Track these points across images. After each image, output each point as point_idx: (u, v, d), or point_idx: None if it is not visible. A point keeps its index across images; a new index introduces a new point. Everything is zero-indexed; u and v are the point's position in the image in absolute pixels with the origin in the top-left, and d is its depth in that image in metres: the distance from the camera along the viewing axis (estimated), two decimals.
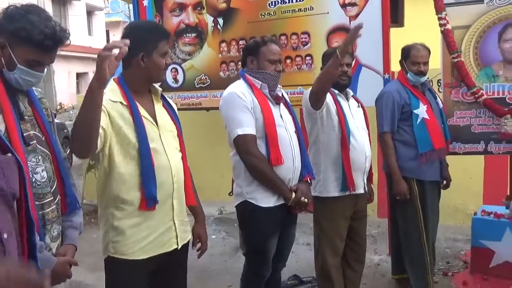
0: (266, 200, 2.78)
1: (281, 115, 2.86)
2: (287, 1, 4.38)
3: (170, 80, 4.97)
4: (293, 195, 2.78)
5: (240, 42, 4.61)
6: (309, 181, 2.93)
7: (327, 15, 4.26)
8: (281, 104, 2.91)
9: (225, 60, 4.74)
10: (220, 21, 4.72)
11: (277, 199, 2.79)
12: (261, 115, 2.75)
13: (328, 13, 4.25)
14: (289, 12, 4.39)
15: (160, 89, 2.35)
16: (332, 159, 3.20)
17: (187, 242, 2.40)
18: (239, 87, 2.83)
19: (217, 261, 4.71)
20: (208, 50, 4.81)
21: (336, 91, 3.25)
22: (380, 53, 4.06)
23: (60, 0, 25.82)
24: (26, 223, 1.41)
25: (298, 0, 4.34)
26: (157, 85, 2.35)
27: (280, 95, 2.93)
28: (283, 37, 4.42)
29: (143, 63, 2.19)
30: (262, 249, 2.85)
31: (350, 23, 4.17)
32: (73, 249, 2.00)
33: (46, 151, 1.89)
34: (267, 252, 2.87)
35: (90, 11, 29.19)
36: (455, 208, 5.14)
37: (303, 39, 4.38)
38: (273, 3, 4.44)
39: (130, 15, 22.63)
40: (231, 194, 3.04)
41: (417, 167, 3.49)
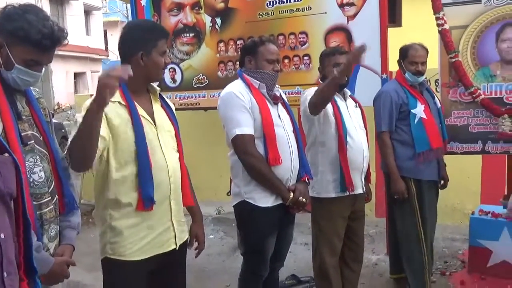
0: (264, 200, 2.78)
1: (279, 115, 2.86)
2: (285, 1, 4.38)
3: (168, 80, 4.97)
4: (291, 195, 2.78)
5: (238, 42, 4.60)
6: (307, 181, 2.93)
7: (325, 15, 4.26)
8: (279, 104, 2.91)
9: (223, 60, 4.74)
10: (218, 21, 4.72)
11: (275, 199, 2.80)
12: (259, 115, 2.75)
13: (326, 13, 4.25)
14: (287, 12, 4.39)
15: (158, 88, 2.34)
16: (330, 159, 3.20)
17: (185, 242, 2.39)
18: (237, 87, 2.83)
19: (215, 261, 4.71)
20: (206, 50, 4.81)
21: None
22: (378, 53, 4.06)
23: (58, 0, 25.78)
24: (22, 223, 1.41)
25: (296, 0, 4.34)
26: (155, 85, 2.35)
27: (278, 95, 2.93)
28: (281, 37, 4.42)
29: (142, 62, 2.19)
30: (260, 249, 2.85)
31: (348, 23, 4.17)
32: (71, 249, 1.99)
33: (44, 151, 1.89)
34: (265, 252, 2.87)
35: (87, 11, 29.14)
36: (452, 207, 5.15)
37: (301, 39, 4.38)
38: (271, 3, 4.43)
39: (128, 15, 22.61)
40: (229, 194, 3.04)
41: (414, 167, 3.49)
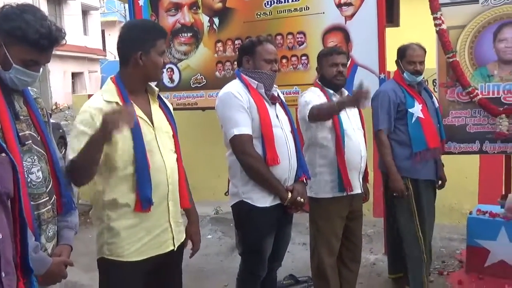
0: (262, 200, 2.78)
1: (277, 115, 2.86)
2: (283, 1, 4.38)
3: (166, 80, 4.96)
4: (289, 195, 2.78)
5: (236, 42, 4.61)
6: (304, 181, 2.94)
7: (322, 15, 4.26)
8: (277, 104, 2.91)
9: (221, 60, 4.74)
10: (216, 20, 4.72)
11: (273, 199, 2.80)
12: (257, 115, 2.75)
13: (323, 13, 4.26)
14: (285, 12, 4.39)
15: (156, 89, 2.34)
16: (328, 160, 3.20)
17: (182, 243, 2.39)
18: (235, 87, 2.83)
19: (213, 261, 4.71)
20: (204, 50, 4.81)
21: (331, 91, 3.25)
22: (376, 53, 4.07)
23: (55, 0, 25.75)
24: (19, 223, 1.41)
25: (294, 0, 4.34)
26: (153, 85, 2.35)
27: (276, 95, 2.93)
28: (279, 37, 4.42)
29: (141, 61, 2.18)
30: (258, 249, 2.85)
31: (345, 23, 4.18)
32: (68, 249, 1.99)
33: (42, 151, 1.89)
34: (263, 252, 2.87)
35: (85, 11, 29.12)
36: (450, 207, 5.16)
37: (299, 39, 4.39)
38: (269, 2, 4.44)
39: (125, 15, 22.59)
40: (227, 194, 3.04)
41: (411, 166, 3.50)
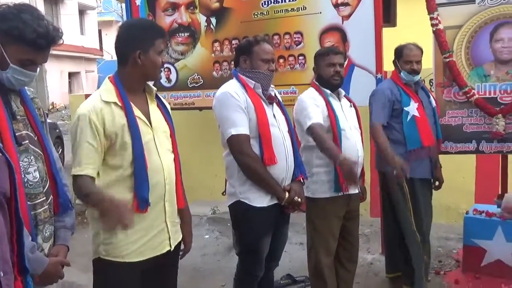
0: (260, 200, 2.78)
1: (274, 115, 2.86)
2: (280, 0, 4.39)
3: (163, 80, 4.96)
4: (287, 194, 2.78)
5: (233, 42, 4.61)
6: (302, 181, 2.94)
7: (319, 15, 4.27)
8: (274, 104, 2.91)
9: (218, 60, 4.74)
10: (213, 20, 4.72)
11: (270, 199, 2.80)
12: (255, 115, 2.74)
13: (320, 13, 4.26)
14: (282, 11, 4.40)
15: (154, 88, 2.33)
16: (325, 160, 3.18)
17: (179, 242, 2.39)
18: (232, 87, 2.83)
19: (210, 260, 4.71)
20: (201, 50, 4.81)
21: (328, 91, 3.25)
22: (373, 53, 4.08)
23: None
24: (15, 223, 1.40)
25: (291, 0, 4.35)
26: (151, 84, 2.35)
27: (273, 94, 2.93)
28: (276, 37, 4.43)
29: (140, 61, 2.18)
30: (255, 248, 2.85)
31: (342, 23, 4.18)
32: (65, 249, 1.99)
33: (39, 151, 1.89)
34: (260, 251, 2.87)
35: (82, 10, 29.05)
36: (447, 207, 5.17)
37: (296, 39, 4.39)
38: (266, 2, 4.44)
39: (122, 15, 22.57)
40: (224, 194, 3.04)
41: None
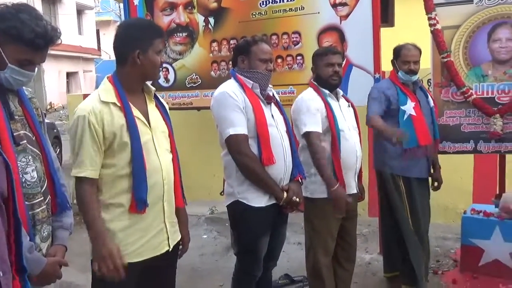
0: (258, 200, 2.78)
1: (272, 115, 2.86)
2: (278, 0, 4.39)
3: (161, 80, 4.96)
4: (285, 194, 2.78)
5: (231, 42, 4.61)
6: (300, 181, 2.94)
7: (318, 15, 4.27)
8: (272, 104, 2.92)
9: (216, 60, 4.74)
10: (211, 20, 4.72)
11: (268, 198, 2.80)
12: (253, 115, 2.74)
13: (319, 13, 4.26)
14: (280, 11, 4.40)
15: (153, 88, 2.32)
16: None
17: (177, 242, 2.39)
18: (230, 87, 2.83)
19: (208, 260, 4.71)
20: (199, 50, 4.81)
21: (327, 91, 3.25)
22: (371, 53, 4.08)
23: None
24: (13, 223, 1.40)
25: (289, 0, 4.35)
26: (149, 84, 2.34)
27: (271, 94, 2.94)
28: (274, 37, 4.43)
29: (139, 61, 2.17)
30: (253, 248, 2.85)
31: (340, 23, 4.18)
32: (63, 249, 1.99)
33: (37, 151, 1.88)
34: (259, 251, 2.87)
35: (80, 10, 29.01)
36: (445, 206, 5.17)
37: (294, 39, 4.39)
38: (264, 2, 4.44)
39: (120, 14, 22.56)
40: (222, 194, 3.04)
41: (403, 164, 3.53)
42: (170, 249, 2.31)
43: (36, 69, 1.85)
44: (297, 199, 2.81)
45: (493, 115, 3.78)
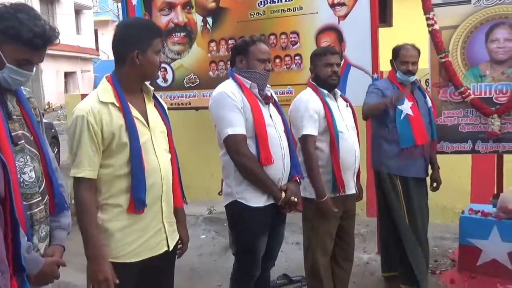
0: (256, 200, 2.78)
1: (270, 115, 2.86)
2: (276, 0, 4.39)
3: (159, 80, 4.96)
4: (283, 194, 2.78)
5: (230, 42, 4.61)
6: (298, 181, 2.94)
7: (316, 15, 4.27)
8: (270, 104, 2.91)
9: (214, 60, 4.74)
10: (209, 20, 4.72)
11: (267, 198, 2.80)
12: (251, 115, 2.75)
13: (317, 13, 4.27)
14: (278, 11, 4.40)
15: (152, 88, 2.32)
16: (322, 160, 3.19)
17: (176, 242, 2.39)
18: (228, 87, 2.83)
19: (207, 260, 4.71)
20: (198, 50, 4.81)
21: (325, 91, 3.25)
22: (369, 53, 4.09)
23: None
24: (10, 223, 1.40)
25: (287, 0, 4.35)
26: (148, 84, 2.34)
27: (269, 94, 2.94)
28: (272, 37, 4.43)
29: (138, 61, 2.17)
30: (251, 248, 2.85)
31: (339, 23, 4.19)
32: (61, 249, 1.99)
33: (35, 151, 1.88)
34: (257, 251, 2.87)
35: (78, 10, 28.99)
36: (443, 206, 5.18)
37: (292, 39, 4.39)
38: (262, 2, 4.44)
39: (118, 14, 22.50)
40: (220, 194, 3.03)
41: (400, 164, 3.53)
42: (170, 249, 2.31)
43: (34, 69, 1.85)
44: (295, 199, 2.81)
45: (491, 115, 3.78)
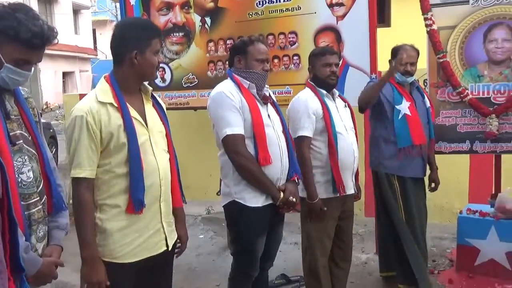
0: (254, 200, 2.78)
1: (268, 115, 2.86)
2: (274, 0, 4.39)
3: (158, 80, 4.95)
4: (281, 194, 2.78)
5: (228, 42, 4.60)
6: (296, 181, 2.94)
7: (314, 15, 4.27)
8: (268, 104, 2.91)
9: (212, 60, 4.74)
10: (208, 20, 4.72)
11: (265, 199, 2.79)
12: (250, 115, 2.74)
13: (315, 13, 4.27)
14: (277, 11, 4.40)
15: (150, 88, 2.32)
16: (321, 161, 3.20)
17: (174, 242, 2.39)
18: (227, 87, 2.82)
19: (205, 260, 4.71)
20: (196, 50, 4.80)
21: (324, 91, 3.25)
22: (367, 53, 4.08)
23: None
24: (8, 223, 1.40)
25: (286, 0, 4.35)
26: (146, 84, 2.34)
27: (267, 94, 2.94)
28: (270, 37, 4.43)
29: (136, 61, 2.17)
30: (250, 248, 2.85)
31: (337, 23, 4.19)
32: (59, 249, 1.99)
33: (33, 151, 1.88)
34: (255, 251, 2.87)
35: (76, 10, 28.96)
36: (441, 206, 5.18)
37: (291, 39, 4.39)
38: (261, 2, 4.44)
39: (117, 14, 22.50)
40: (219, 194, 3.03)
41: (398, 164, 3.54)
42: (169, 249, 2.31)
43: (33, 68, 1.85)
44: (294, 199, 2.81)
45: (489, 115, 3.79)
